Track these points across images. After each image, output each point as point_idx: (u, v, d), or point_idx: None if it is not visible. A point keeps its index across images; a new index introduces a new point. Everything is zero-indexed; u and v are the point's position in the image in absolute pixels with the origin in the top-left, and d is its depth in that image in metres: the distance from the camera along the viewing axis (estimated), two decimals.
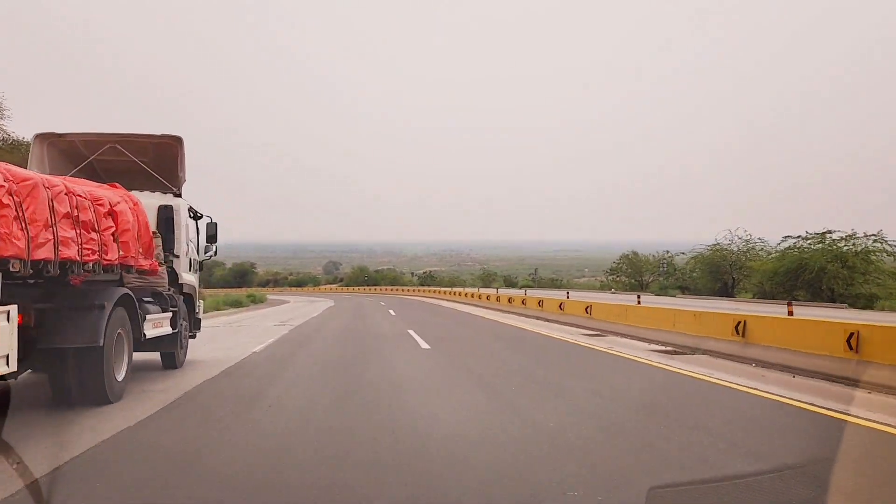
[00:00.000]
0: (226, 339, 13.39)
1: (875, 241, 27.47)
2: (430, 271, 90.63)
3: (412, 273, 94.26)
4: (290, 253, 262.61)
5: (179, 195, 8.42)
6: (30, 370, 5.94)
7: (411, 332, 14.28)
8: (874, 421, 4.88)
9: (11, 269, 4.24)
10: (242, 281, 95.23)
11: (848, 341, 6.66)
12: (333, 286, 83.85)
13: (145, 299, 6.97)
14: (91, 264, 5.36)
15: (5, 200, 4.13)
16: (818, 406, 5.45)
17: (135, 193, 7.14)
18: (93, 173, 8.03)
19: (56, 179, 5.15)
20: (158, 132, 8.24)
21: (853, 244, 27.52)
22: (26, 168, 5.90)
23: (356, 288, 73.24)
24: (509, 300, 25.17)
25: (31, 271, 4.47)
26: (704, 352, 9.34)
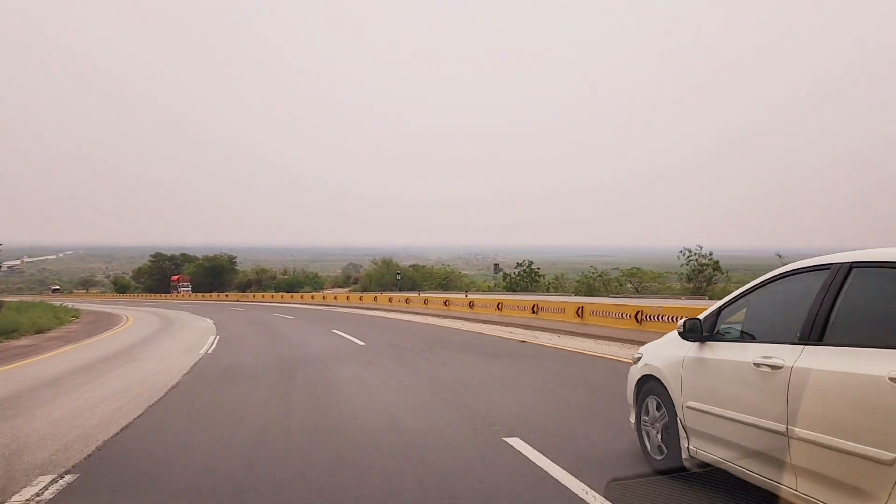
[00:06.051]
0: None
1: None
2: (530, 263, 44.67)
3: (496, 267, 49.45)
4: (311, 256, 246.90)
5: None
6: None
7: None
8: None
9: None
10: (216, 282, 75.43)
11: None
12: (342, 290, 56.97)
13: None
14: None
15: None
16: None
17: None
18: None
19: None
20: None
21: None
22: None
23: (378, 297, 35.65)
24: None
25: None
26: None
